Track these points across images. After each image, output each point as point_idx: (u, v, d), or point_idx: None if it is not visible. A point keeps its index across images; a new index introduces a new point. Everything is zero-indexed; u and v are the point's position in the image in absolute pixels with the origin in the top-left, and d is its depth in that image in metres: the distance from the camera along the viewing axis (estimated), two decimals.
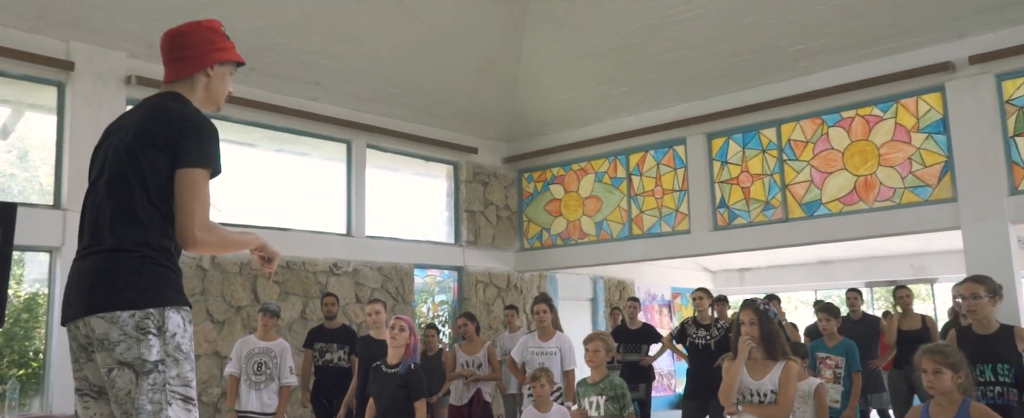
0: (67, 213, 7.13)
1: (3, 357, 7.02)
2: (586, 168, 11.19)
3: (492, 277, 11.34)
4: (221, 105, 2.53)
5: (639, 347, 8.96)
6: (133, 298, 2.13)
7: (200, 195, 2.23)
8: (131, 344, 2.10)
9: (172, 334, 2.16)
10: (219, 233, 2.31)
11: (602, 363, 5.16)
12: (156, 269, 2.19)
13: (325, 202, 9.63)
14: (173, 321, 2.17)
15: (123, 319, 2.11)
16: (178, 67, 2.44)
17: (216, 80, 2.47)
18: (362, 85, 9.39)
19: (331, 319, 7.56)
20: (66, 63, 7.26)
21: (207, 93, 2.47)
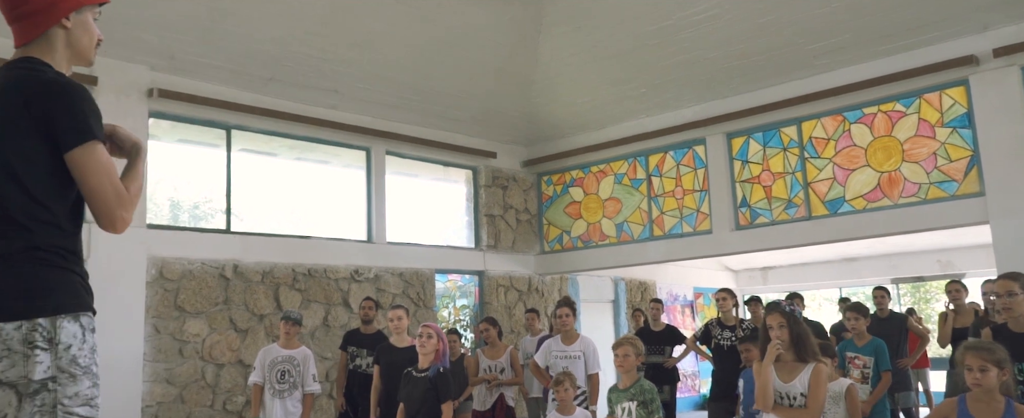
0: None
1: None
2: (605, 170, 11.15)
3: (513, 281, 11.32)
4: (91, 58, 2.16)
5: (663, 349, 8.90)
6: (19, 308, 1.85)
7: (106, 172, 1.93)
8: (15, 361, 1.83)
9: (66, 346, 1.86)
10: (134, 196, 2.01)
11: (632, 368, 5.09)
12: (48, 272, 1.90)
13: (346, 209, 9.67)
14: (67, 331, 1.87)
15: (7, 332, 1.84)
16: (26, 26, 2.04)
17: (77, 30, 2.08)
18: (380, 92, 9.42)
19: (368, 323, 7.57)
20: (90, 78, 7.34)
21: (70, 49, 2.08)
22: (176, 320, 7.70)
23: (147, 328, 7.47)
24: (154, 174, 7.85)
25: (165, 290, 7.67)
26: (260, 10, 7.70)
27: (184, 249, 7.87)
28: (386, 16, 8.40)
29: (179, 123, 8.22)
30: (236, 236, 8.36)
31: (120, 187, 1.96)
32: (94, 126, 1.95)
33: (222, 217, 8.44)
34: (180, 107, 8.04)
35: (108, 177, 1.93)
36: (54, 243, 1.93)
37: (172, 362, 7.62)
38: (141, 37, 7.45)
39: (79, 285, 1.96)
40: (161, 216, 8.19)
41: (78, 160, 1.91)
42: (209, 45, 7.84)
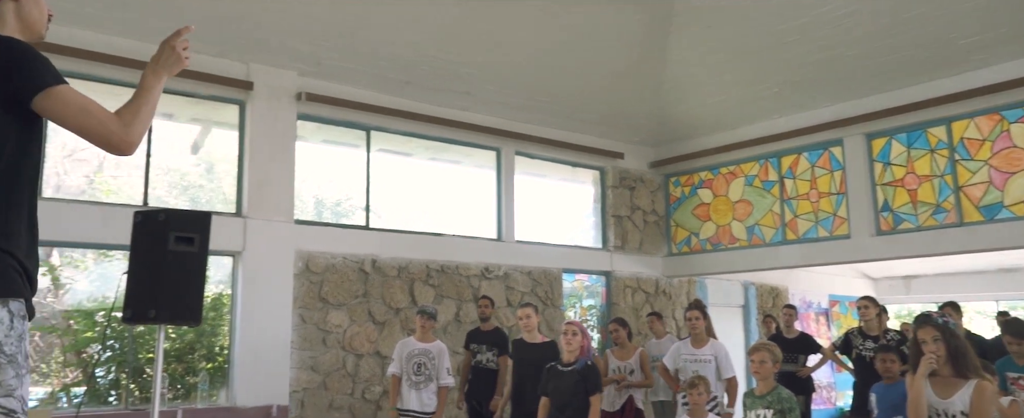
0: (247, 221, 7.78)
1: (195, 352, 7.75)
2: (735, 172, 10.91)
3: (640, 282, 11.27)
4: (42, 32, 2.16)
5: (796, 357, 8.64)
6: None
7: (86, 108, 1.91)
8: None
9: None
10: (138, 119, 1.97)
11: (769, 374, 4.99)
12: None
13: (477, 208, 9.95)
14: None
15: None
16: None
17: (26, 4, 2.10)
18: (511, 93, 9.63)
19: (485, 321, 7.79)
20: (246, 83, 7.93)
21: (20, 22, 2.09)
22: (320, 311, 8.18)
23: (294, 317, 7.98)
24: (301, 172, 8.36)
25: (311, 282, 8.16)
26: (397, 16, 8.05)
27: (328, 244, 8.35)
28: (516, 19, 8.58)
29: (323, 125, 8.72)
30: (374, 232, 8.77)
31: (108, 116, 1.93)
32: (52, 71, 1.93)
33: (362, 214, 8.88)
34: (325, 109, 8.53)
35: (89, 113, 1.90)
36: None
37: (316, 351, 8.10)
38: (291, 45, 7.96)
39: (10, 268, 1.83)
40: (307, 212, 8.70)
41: (51, 105, 1.89)
42: (351, 51, 8.27)
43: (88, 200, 7.26)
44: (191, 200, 8.01)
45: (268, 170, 7.97)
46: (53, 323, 7.17)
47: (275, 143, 8.07)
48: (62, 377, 7.93)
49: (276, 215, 7.96)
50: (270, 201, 7.93)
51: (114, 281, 4.92)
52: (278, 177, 8.03)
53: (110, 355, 7.37)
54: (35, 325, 9.44)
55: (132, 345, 7.30)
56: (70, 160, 7.54)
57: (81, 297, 7.53)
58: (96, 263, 7.45)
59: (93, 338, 7.39)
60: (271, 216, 7.92)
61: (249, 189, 7.86)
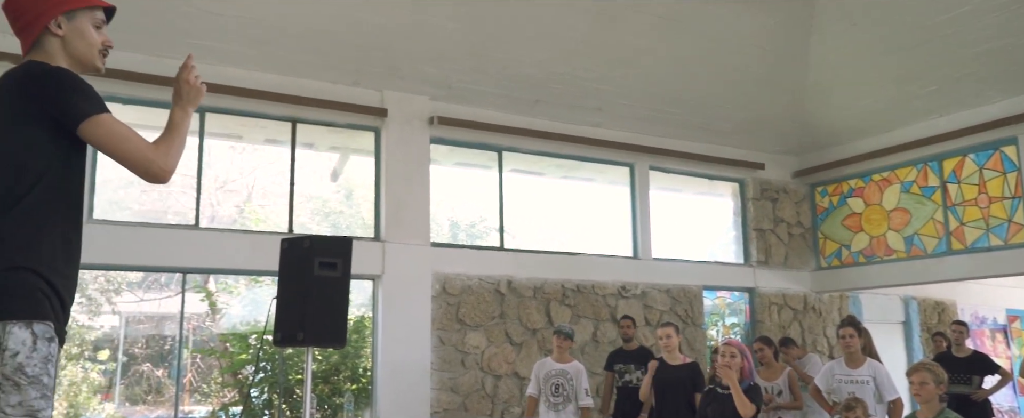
0: (386, 244, 7.96)
1: (340, 373, 7.99)
2: (889, 178, 10.15)
3: (787, 298, 10.67)
4: (97, 65, 2.15)
5: (969, 378, 7.86)
6: None
7: (126, 136, 1.97)
8: None
9: (13, 353, 1.77)
10: (173, 150, 2.03)
11: (932, 397, 4.57)
12: (11, 275, 1.81)
13: (612, 225, 9.75)
14: (16, 338, 1.78)
15: None
16: (24, 37, 2.09)
17: (72, 37, 2.08)
18: (643, 107, 9.41)
19: (628, 341, 7.61)
20: (380, 110, 8.15)
21: (69, 56, 2.09)
22: (458, 332, 8.23)
23: (433, 339, 8.06)
24: (436, 195, 8.48)
25: (448, 304, 8.22)
26: (525, 36, 8.05)
27: (463, 265, 8.40)
28: (646, 31, 8.38)
29: (456, 147, 8.82)
30: (509, 253, 8.76)
31: (146, 145, 1.99)
32: (96, 100, 1.98)
33: (496, 235, 8.89)
34: (457, 132, 8.63)
35: (128, 141, 1.97)
36: (17, 238, 1.84)
37: (455, 372, 8.14)
38: (423, 70, 8.12)
39: (38, 289, 1.85)
40: (442, 235, 8.81)
41: (94, 133, 1.95)
42: (481, 73, 8.34)
43: (239, 229, 7.65)
44: (332, 226, 8.30)
45: (404, 194, 8.13)
46: (211, 346, 7.60)
47: (410, 167, 8.23)
48: (221, 397, 8.38)
49: (413, 238, 8.09)
50: (407, 225, 8.08)
51: (265, 305, 5.13)
52: (414, 201, 8.18)
53: (263, 376, 7.71)
54: (195, 348, 10.07)
55: (283, 367, 7.60)
56: (221, 192, 8.00)
57: (235, 321, 7.95)
58: (248, 288, 7.85)
59: (247, 360, 7.75)
60: (408, 239, 8.07)
61: (387, 213, 8.04)
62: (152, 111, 7.29)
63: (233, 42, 7.27)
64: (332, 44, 7.54)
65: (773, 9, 8.49)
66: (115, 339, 9.39)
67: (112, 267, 7.68)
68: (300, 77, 7.76)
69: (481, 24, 7.78)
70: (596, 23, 8.13)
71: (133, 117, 7.35)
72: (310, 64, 7.68)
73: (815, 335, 10.78)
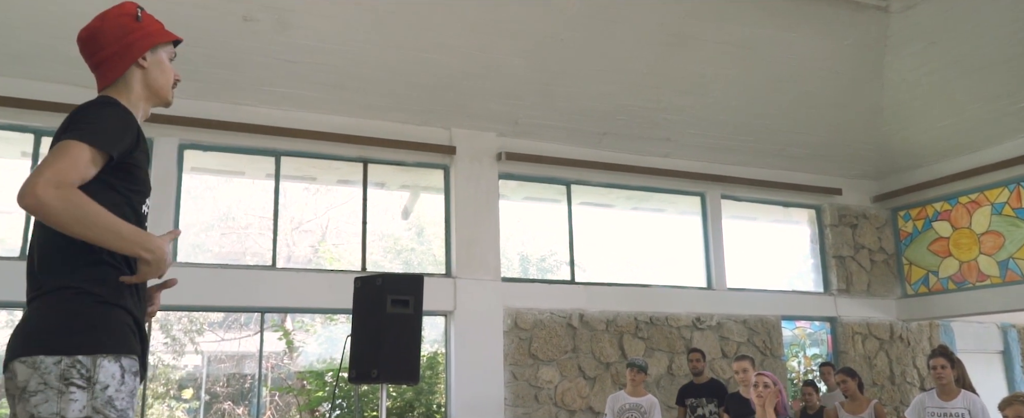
0: (457, 281, 8.01)
1: (415, 410, 8.02)
2: (978, 200, 9.70)
3: (871, 328, 10.25)
4: (169, 97, 2.16)
5: None
6: (60, 342, 1.79)
7: (67, 156, 1.79)
8: (49, 396, 1.75)
9: (103, 387, 1.79)
10: (76, 204, 1.77)
11: None
12: (95, 308, 1.84)
13: (684, 256, 9.59)
14: (106, 371, 1.80)
15: (46, 365, 1.77)
16: (105, 71, 2.07)
17: (153, 70, 2.10)
18: (712, 135, 9.28)
19: (698, 375, 7.44)
20: (449, 148, 8.27)
21: (148, 89, 2.10)
22: (530, 367, 8.18)
23: (506, 374, 8.03)
24: (505, 230, 8.51)
25: (520, 339, 8.20)
26: (591, 69, 8.07)
27: (534, 300, 8.38)
28: (713, 59, 8.30)
29: (524, 182, 8.86)
30: (580, 286, 8.70)
31: (65, 175, 1.77)
32: (98, 133, 1.86)
33: (566, 268, 8.85)
34: (525, 167, 8.68)
35: (64, 161, 1.78)
36: (99, 277, 1.87)
37: (529, 407, 8.08)
38: (490, 107, 8.22)
39: (126, 325, 1.88)
40: (513, 269, 8.82)
41: (57, 145, 1.82)
42: (547, 107, 8.38)
43: (314, 268, 7.83)
44: (404, 263, 8.41)
45: (474, 230, 8.19)
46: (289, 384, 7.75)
47: (479, 203, 8.30)
48: None
49: (483, 274, 8.13)
50: (477, 260, 8.12)
51: (340, 343, 5.21)
52: (483, 236, 8.23)
53: (339, 414, 7.81)
54: (274, 385, 10.31)
55: (358, 404, 7.69)
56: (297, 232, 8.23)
57: (312, 359, 8.10)
58: (324, 326, 8.00)
59: (324, 397, 7.87)
60: (479, 275, 8.10)
61: (457, 250, 8.11)
62: (228, 156, 7.59)
63: (307, 88, 7.52)
64: (401, 85, 7.72)
65: (845, 31, 8.31)
66: (198, 378, 9.69)
67: (195, 308, 7.95)
68: (370, 118, 7.96)
69: (547, 60, 7.85)
70: (662, 54, 8.10)
71: (213, 163, 7.66)
72: (380, 106, 7.88)
73: (904, 365, 10.31)
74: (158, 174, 7.15)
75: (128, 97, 2.06)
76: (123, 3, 2.11)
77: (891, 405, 9.74)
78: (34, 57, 6.74)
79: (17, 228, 6.76)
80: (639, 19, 7.68)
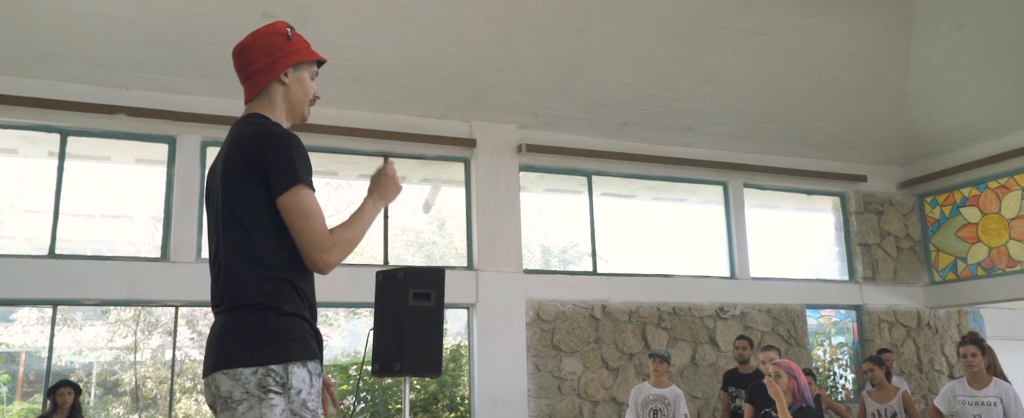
0: (479, 273, 8.03)
1: (439, 402, 8.07)
2: (1008, 185, 9.54)
3: (898, 315, 10.14)
4: (305, 113, 2.30)
5: None
6: (255, 354, 1.98)
7: (310, 216, 2.04)
8: (253, 404, 1.96)
9: (297, 391, 2.00)
10: (344, 242, 2.09)
11: None
12: (280, 321, 2.02)
13: (706, 246, 9.54)
14: (298, 377, 2.00)
15: (245, 376, 1.97)
16: (251, 84, 2.24)
17: (293, 87, 2.24)
18: (734, 124, 9.20)
19: (744, 363, 7.36)
20: (469, 141, 8.27)
21: (287, 104, 2.24)
22: (553, 358, 8.19)
23: (529, 366, 8.05)
24: (527, 222, 8.51)
25: (543, 330, 8.21)
26: (610, 58, 8.03)
27: (557, 291, 8.38)
28: (734, 46, 8.22)
29: (545, 174, 8.85)
30: (602, 277, 8.68)
31: (321, 231, 2.05)
32: (300, 171, 2.06)
33: (588, 260, 8.83)
34: (545, 159, 8.66)
35: (308, 221, 2.03)
36: (282, 290, 2.04)
37: (552, 398, 8.09)
38: (510, 99, 8.21)
39: (307, 333, 2.06)
40: (534, 261, 8.82)
41: (285, 204, 2.04)
42: (567, 98, 8.36)
43: None
44: (426, 256, 8.44)
45: (495, 223, 8.20)
46: None
47: (500, 196, 8.30)
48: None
49: (505, 266, 8.14)
50: (499, 253, 8.14)
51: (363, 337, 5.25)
52: (505, 229, 8.23)
53: (363, 406, 7.86)
54: None
55: (382, 397, 7.74)
56: None
57: (336, 353, 8.16)
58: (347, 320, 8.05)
59: (348, 391, 7.94)
60: (501, 267, 8.12)
61: (478, 242, 8.13)
62: None
63: (326, 83, 7.54)
64: (421, 79, 7.73)
65: (869, 16, 8.19)
66: None
67: None
68: (390, 113, 7.99)
69: (566, 51, 7.82)
70: (682, 42, 8.03)
71: None
72: (400, 100, 7.90)
73: (932, 353, 10.19)
74: (181, 172, 7.23)
75: (272, 111, 2.22)
76: (275, 22, 2.27)
77: (919, 393, 9.63)
78: (59, 58, 6.84)
79: (45, 227, 6.88)
80: (658, 8, 7.62)
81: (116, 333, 9.22)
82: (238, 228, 2.07)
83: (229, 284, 2.06)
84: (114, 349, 9.25)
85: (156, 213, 7.33)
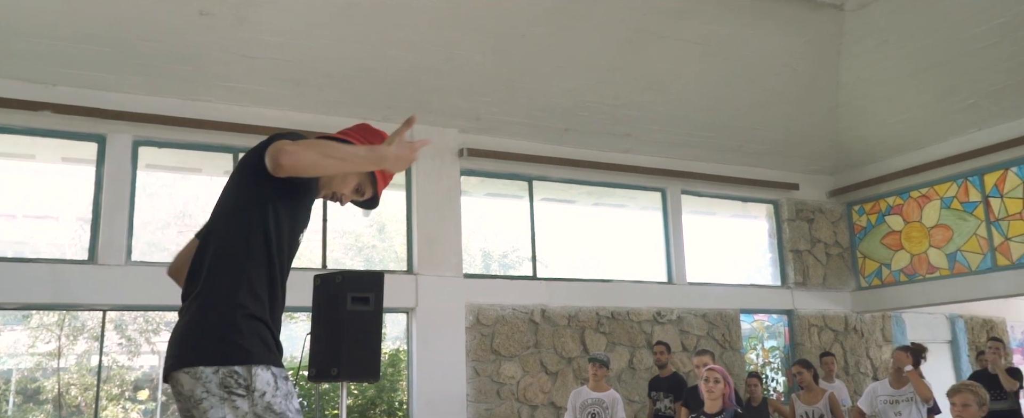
0: (419, 277, 7.99)
1: (377, 407, 7.99)
2: (928, 194, 9.96)
3: (827, 320, 10.47)
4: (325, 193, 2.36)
5: (1005, 395, 7.67)
6: (218, 353, 1.97)
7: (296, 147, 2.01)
8: (214, 403, 1.94)
9: (261, 393, 1.96)
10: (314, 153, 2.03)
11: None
12: (248, 323, 2.01)
13: (645, 251, 9.69)
14: (262, 379, 1.97)
15: (206, 375, 1.95)
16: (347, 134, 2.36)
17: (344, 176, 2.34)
18: (673, 132, 9.37)
19: (662, 367, 7.55)
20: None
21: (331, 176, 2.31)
22: (492, 363, 8.20)
23: (468, 370, 8.04)
24: (467, 227, 8.51)
25: (482, 335, 8.21)
26: (552, 64, 8.09)
27: (496, 296, 8.39)
28: (674, 56, 8.38)
29: (486, 178, 8.86)
30: (542, 282, 8.73)
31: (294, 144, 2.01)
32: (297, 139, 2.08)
33: (528, 264, 8.88)
34: (486, 163, 8.67)
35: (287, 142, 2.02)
36: (256, 292, 2.03)
37: (491, 403, 8.10)
38: (452, 103, 8.20)
39: (270, 338, 2.04)
40: (475, 266, 8.83)
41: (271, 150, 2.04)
42: (509, 103, 8.39)
43: None
44: (366, 260, 8.37)
45: (436, 227, 8.17)
46: None
47: (441, 200, 8.28)
48: None
49: (446, 270, 8.12)
50: (439, 257, 8.11)
51: (300, 341, 5.18)
52: (445, 233, 8.21)
53: None
54: None
55: (319, 403, 7.63)
56: None
57: None
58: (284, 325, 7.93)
59: None
60: (441, 272, 8.09)
61: (419, 246, 8.09)
62: (188, 153, 7.47)
63: (267, 84, 7.43)
64: (363, 82, 7.66)
65: (802, 30, 8.45)
66: (154, 379, 9.52)
67: (150, 308, 7.81)
68: (331, 114, 7.88)
69: (509, 56, 7.85)
70: (624, 51, 8.15)
71: (169, 160, 7.53)
72: (341, 101, 7.80)
73: (858, 356, 10.55)
74: (111, 172, 7.01)
75: None
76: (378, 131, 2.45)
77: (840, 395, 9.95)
78: None
79: None
80: (601, 16, 7.72)
81: (39, 338, 8.87)
82: (230, 224, 2.09)
83: (208, 276, 2.06)
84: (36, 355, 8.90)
85: (84, 214, 7.08)
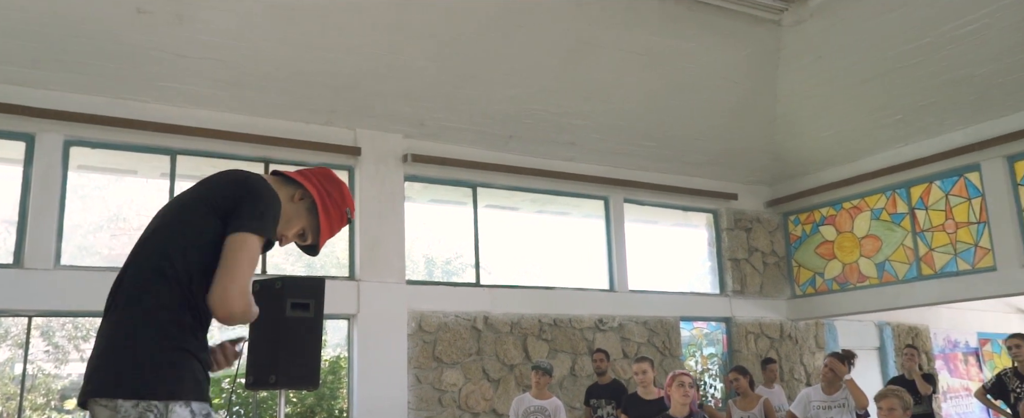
0: (360, 283, 7.90)
1: (316, 415, 7.86)
2: (860, 206, 10.30)
3: (763, 327, 10.72)
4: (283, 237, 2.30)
5: (920, 398, 8.01)
6: (136, 386, 1.90)
7: (249, 260, 1.98)
8: None
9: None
10: (251, 305, 2.02)
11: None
12: (171, 353, 1.94)
13: (587, 259, 9.77)
14: (178, 416, 1.91)
15: (125, 409, 1.89)
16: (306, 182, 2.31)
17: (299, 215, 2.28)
18: (616, 141, 9.49)
19: (602, 374, 7.62)
20: (354, 149, 8.15)
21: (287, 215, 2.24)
22: (434, 370, 8.15)
23: (410, 377, 7.97)
24: (411, 233, 8.45)
25: (424, 342, 8.16)
26: (496, 71, 8.12)
27: (439, 302, 8.35)
28: (617, 66, 8.49)
29: (430, 184, 8.82)
30: (485, 289, 8.73)
31: (246, 284, 1.98)
32: (268, 226, 2.06)
33: (472, 271, 8.86)
34: (430, 169, 8.64)
35: (247, 267, 1.97)
36: (180, 316, 1.97)
37: (433, 410, 8.05)
38: (396, 108, 8.15)
39: (198, 372, 1.99)
40: (418, 272, 8.77)
41: (237, 240, 1.98)
42: (453, 110, 8.38)
43: None
44: (306, 266, 8.23)
45: (379, 232, 8.10)
46: None
47: (384, 205, 8.22)
48: None
49: (388, 277, 8.05)
50: (382, 263, 8.04)
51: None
52: (388, 239, 8.15)
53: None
54: None
55: (256, 411, 7.47)
56: None
57: None
58: (221, 330, 7.73)
59: (220, 405, 7.61)
60: (383, 278, 8.02)
61: (361, 252, 8.00)
62: (119, 154, 7.25)
63: (202, 84, 7.26)
64: (304, 84, 7.55)
65: (742, 44, 8.65)
66: None
67: (79, 313, 7.55)
68: (271, 118, 7.76)
69: (454, 62, 7.84)
70: (568, 60, 8.22)
71: (102, 161, 7.30)
72: (282, 104, 7.68)
73: (792, 363, 10.82)
74: (40, 172, 6.76)
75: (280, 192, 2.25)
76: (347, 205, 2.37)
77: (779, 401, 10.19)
78: None
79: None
80: (544, 24, 7.78)
81: None
82: (171, 240, 2.02)
83: (134, 286, 1.99)
84: None
85: (9, 216, 6.81)
